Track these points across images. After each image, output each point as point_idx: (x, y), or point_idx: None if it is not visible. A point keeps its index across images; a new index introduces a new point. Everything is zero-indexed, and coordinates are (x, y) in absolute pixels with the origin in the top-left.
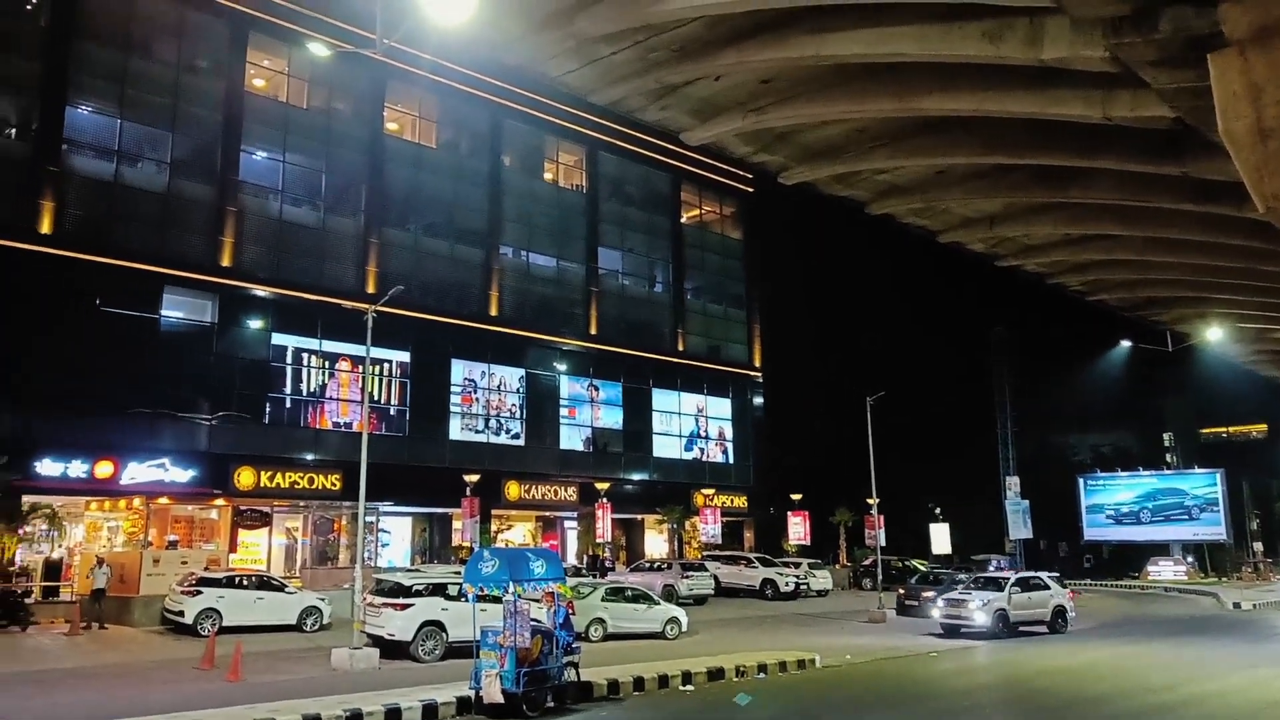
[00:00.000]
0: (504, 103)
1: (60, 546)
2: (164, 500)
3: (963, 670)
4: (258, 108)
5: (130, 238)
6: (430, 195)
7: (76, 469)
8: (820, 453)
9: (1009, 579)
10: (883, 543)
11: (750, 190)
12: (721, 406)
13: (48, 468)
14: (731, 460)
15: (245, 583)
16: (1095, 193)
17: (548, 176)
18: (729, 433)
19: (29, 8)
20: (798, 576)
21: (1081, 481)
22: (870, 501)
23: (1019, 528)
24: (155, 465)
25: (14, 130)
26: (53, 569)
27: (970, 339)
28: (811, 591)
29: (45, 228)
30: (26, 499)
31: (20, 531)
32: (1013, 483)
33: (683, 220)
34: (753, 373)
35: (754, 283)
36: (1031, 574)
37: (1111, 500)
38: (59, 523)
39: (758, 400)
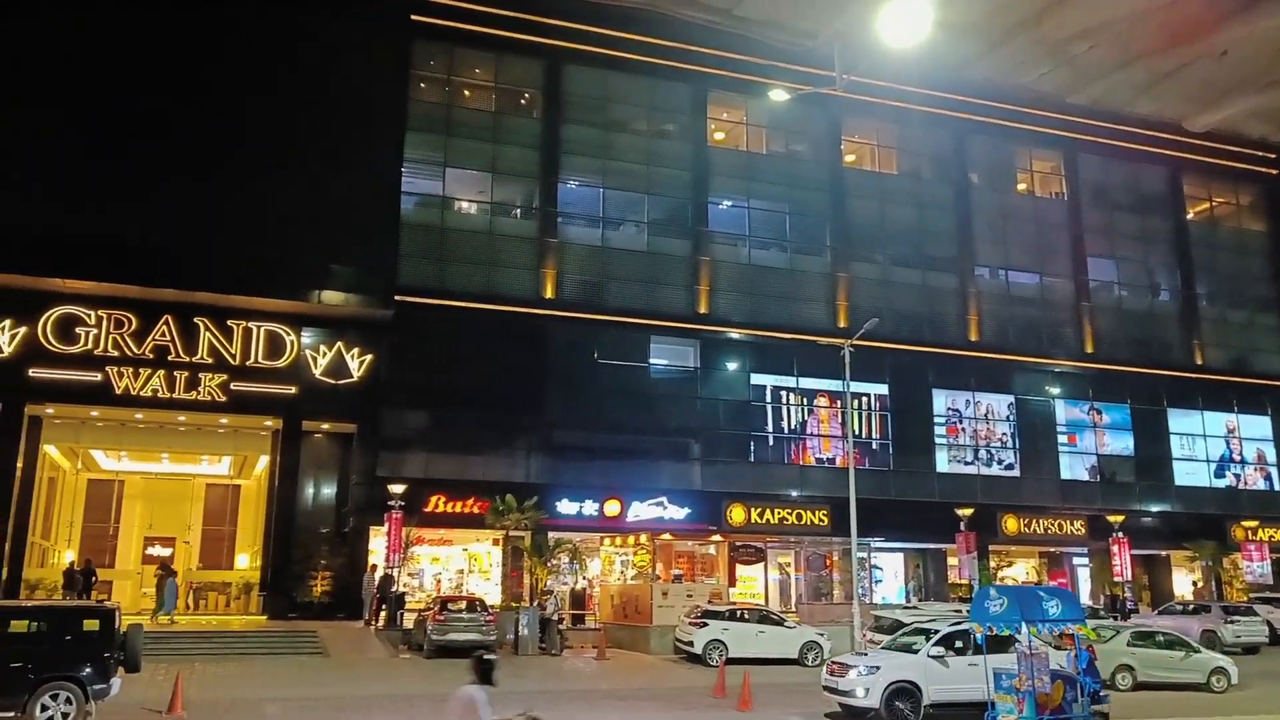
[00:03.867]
0: (967, 117)
1: (582, 578)
2: (666, 536)
3: None
4: (721, 160)
5: (619, 295)
6: (895, 224)
7: (589, 508)
8: None
9: None
10: None
11: (1274, 173)
12: (1258, 425)
13: (566, 507)
14: (1277, 487)
15: (747, 616)
16: None
17: (1020, 188)
18: (1270, 455)
19: (522, 102)
20: None
21: None
22: None
23: None
24: (655, 504)
25: (519, 210)
26: (577, 599)
27: None
28: None
29: (549, 292)
30: (552, 535)
31: (548, 564)
32: None
33: (1188, 217)
34: None
35: None
36: None
37: None
38: (579, 557)
39: None
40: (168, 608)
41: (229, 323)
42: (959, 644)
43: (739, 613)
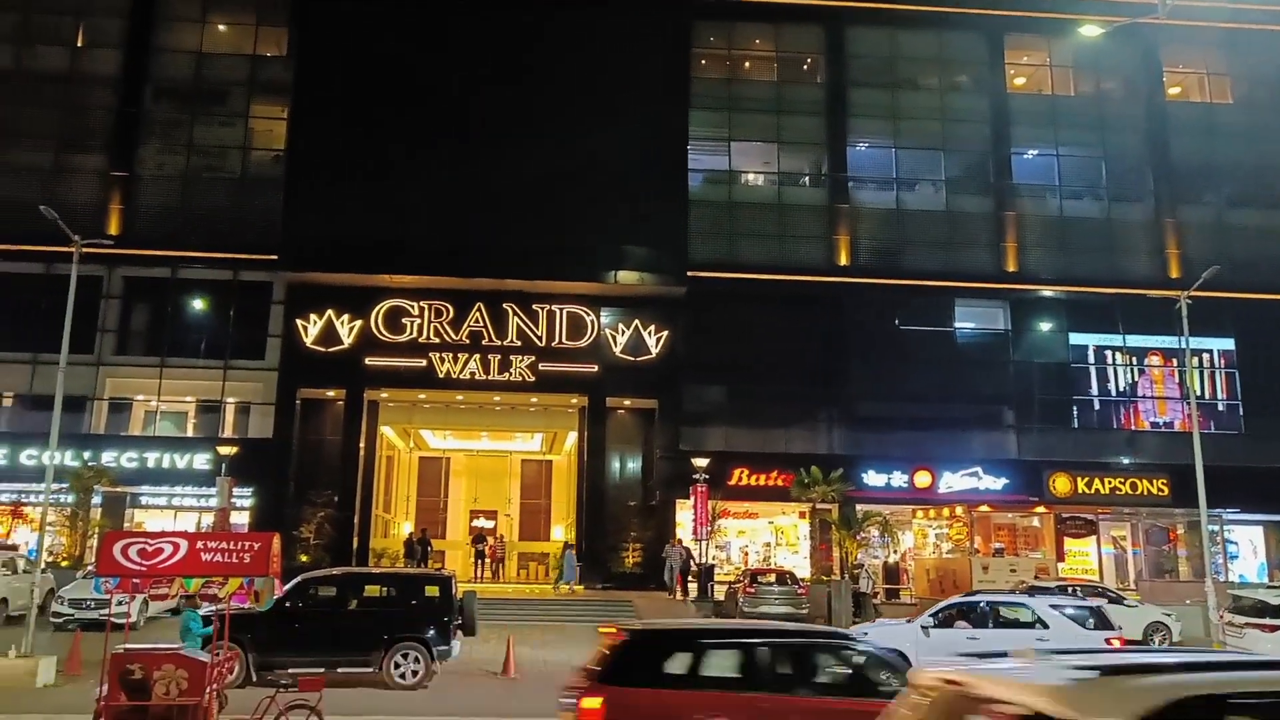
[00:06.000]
0: None
1: (894, 552)
2: (983, 508)
3: None
4: (1022, 108)
5: (918, 257)
6: (1231, 160)
7: (897, 479)
8: None
9: None
10: None
11: None
12: None
13: (872, 478)
14: None
15: (1079, 592)
16: None
17: None
18: None
19: (804, 69)
20: None
21: None
22: None
23: None
24: (968, 474)
25: (808, 178)
26: (891, 573)
27: None
28: None
29: (843, 260)
30: (860, 508)
31: (858, 537)
32: None
33: None
34: None
35: None
36: None
37: None
38: (890, 530)
39: None
40: (567, 577)
41: (534, 306)
42: None
43: (1070, 588)
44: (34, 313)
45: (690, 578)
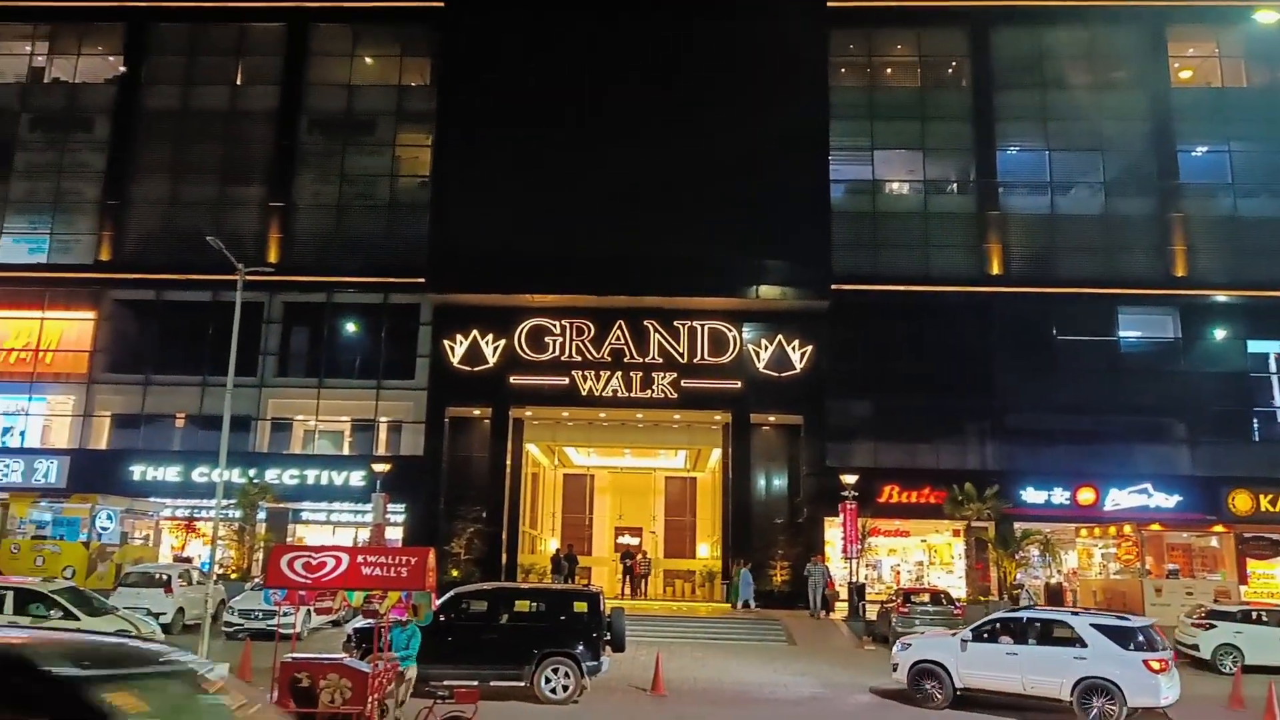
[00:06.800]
0: None
1: (1056, 573)
2: (1154, 527)
3: None
4: (1189, 102)
5: (1074, 264)
6: None
7: (1058, 496)
8: None
9: None
10: None
11: None
12: None
13: (1031, 495)
14: None
15: (1265, 618)
16: None
17: None
18: None
19: (948, 73)
20: None
21: None
22: None
23: None
24: (1137, 491)
25: (955, 185)
26: (1053, 594)
27: None
28: None
29: (994, 268)
30: (1017, 525)
31: (1016, 556)
32: None
33: None
34: None
35: None
36: None
37: None
38: (1052, 549)
39: None
40: (744, 595)
41: (675, 323)
42: None
43: (1255, 614)
44: (203, 338)
45: (823, 596)
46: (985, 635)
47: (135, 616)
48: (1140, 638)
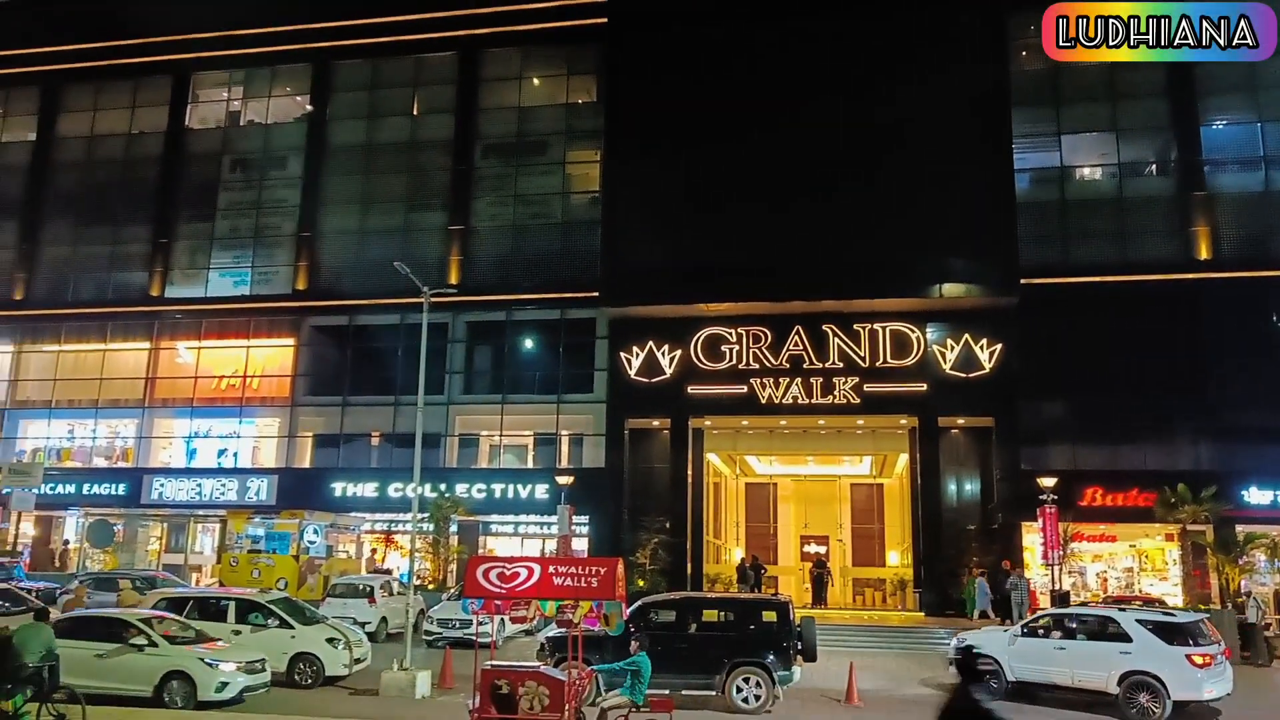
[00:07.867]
0: None
1: None
2: None
3: None
4: None
5: None
6: None
7: None
8: None
9: None
10: None
11: None
12: None
13: (1255, 496)
14: None
15: None
16: None
17: None
18: None
19: None
20: None
21: None
22: None
23: None
24: None
25: (1153, 166)
26: None
27: None
28: None
29: (1202, 253)
30: (1240, 529)
31: (1240, 562)
32: None
33: None
34: None
35: None
36: None
37: None
38: None
39: None
40: (980, 605)
41: (855, 327)
42: None
43: None
44: (393, 359)
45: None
46: (1041, 631)
47: (344, 625)
48: (1185, 634)
